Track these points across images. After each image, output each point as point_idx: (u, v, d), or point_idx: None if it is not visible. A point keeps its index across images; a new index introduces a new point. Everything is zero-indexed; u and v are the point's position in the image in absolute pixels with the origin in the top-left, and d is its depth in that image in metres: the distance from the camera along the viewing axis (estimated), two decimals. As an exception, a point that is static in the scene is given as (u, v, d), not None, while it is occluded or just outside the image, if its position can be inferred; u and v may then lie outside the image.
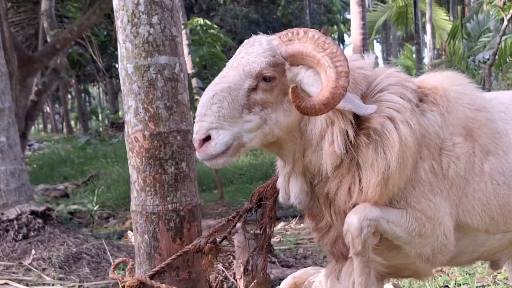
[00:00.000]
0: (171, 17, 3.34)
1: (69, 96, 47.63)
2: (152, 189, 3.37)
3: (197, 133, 2.45)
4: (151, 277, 3.32)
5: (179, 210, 3.41)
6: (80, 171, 18.23)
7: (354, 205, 2.64)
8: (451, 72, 3.08)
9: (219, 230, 3.36)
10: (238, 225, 3.45)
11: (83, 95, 44.43)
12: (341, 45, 56.31)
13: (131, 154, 3.40)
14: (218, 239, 3.33)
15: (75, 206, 11.70)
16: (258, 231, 3.34)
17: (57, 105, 49.81)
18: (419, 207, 2.71)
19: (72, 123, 46.01)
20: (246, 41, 2.64)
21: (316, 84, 2.45)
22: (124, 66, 3.34)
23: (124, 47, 3.32)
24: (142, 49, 3.29)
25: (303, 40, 2.48)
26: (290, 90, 2.31)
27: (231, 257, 6.62)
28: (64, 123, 44.29)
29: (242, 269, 5.80)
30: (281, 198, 2.83)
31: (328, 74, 2.38)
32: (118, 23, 3.33)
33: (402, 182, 2.63)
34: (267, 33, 2.68)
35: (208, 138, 2.43)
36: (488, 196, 2.89)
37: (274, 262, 6.61)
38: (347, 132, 2.57)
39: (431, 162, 2.73)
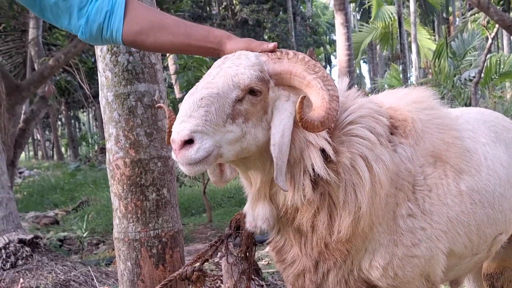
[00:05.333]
0: (150, 45, 3.38)
1: (59, 122, 47.57)
2: (134, 216, 3.39)
3: (179, 133, 2.23)
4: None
5: (161, 236, 3.42)
6: (70, 198, 18.14)
7: (325, 244, 2.59)
8: (416, 91, 3.04)
9: (203, 256, 3.34)
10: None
11: (73, 121, 44.35)
12: (327, 66, 56.63)
13: (113, 181, 3.43)
14: (205, 264, 3.30)
15: (65, 233, 11.64)
16: (240, 257, 3.31)
17: (47, 132, 49.71)
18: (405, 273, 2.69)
19: (63, 149, 45.88)
20: (229, 54, 2.54)
21: (287, 121, 2.40)
22: (105, 95, 3.38)
23: (104, 76, 3.36)
24: (122, 77, 3.32)
25: (293, 61, 2.43)
26: (299, 100, 2.24)
27: (219, 281, 6.60)
28: (54, 150, 44.17)
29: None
30: (247, 224, 2.68)
31: (321, 95, 2.34)
32: (98, 52, 3.37)
33: (374, 223, 2.58)
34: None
35: (189, 142, 2.24)
36: (468, 216, 2.86)
37: (262, 286, 6.58)
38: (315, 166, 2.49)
39: (407, 204, 2.68)
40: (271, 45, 2.52)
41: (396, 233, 2.66)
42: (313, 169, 2.47)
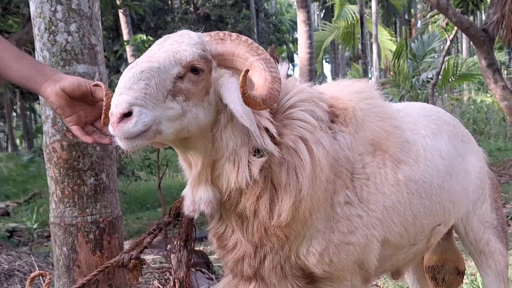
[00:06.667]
0: (90, 25, 3.30)
1: (15, 114, 46.80)
2: (70, 201, 3.29)
3: (118, 106, 2.17)
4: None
5: (99, 222, 3.34)
6: (22, 190, 17.91)
7: (265, 229, 2.58)
8: (358, 82, 3.06)
9: (140, 243, 3.27)
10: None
11: (28, 113, 43.69)
12: (290, 64, 56.83)
13: (49, 165, 3.33)
14: (156, 257, 3.23)
15: (14, 224, 11.45)
16: (180, 247, 3.25)
17: (1, 123, 48.81)
18: (340, 259, 2.70)
19: (18, 141, 45.16)
20: (171, 34, 2.52)
21: (237, 92, 2.36)
22: (42, 75, 3.27)
23: (41, 56, 3.26)
24: (60, 58, 3.23)
25: (236, 42, 2.43)
26: (242, 73, 2.22)
27: (168, 274, 6.55)
28: (8, 141, 43.47)
29: (178, 285, 5.74)
30: (185, 208, 2.64)
31: (264, 76, 2.34)
32: (35, 31, 3.27)
33: (314, 207, 2.57)
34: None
35: (128, 115, 2.18)
36: (404, 206, 2.89)
37: (212, 279, 6.56)
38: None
39: (345, 192, 2.69)
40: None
41: (333, 220, 2.66)
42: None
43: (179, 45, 2.38)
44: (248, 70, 2.26)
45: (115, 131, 2.21)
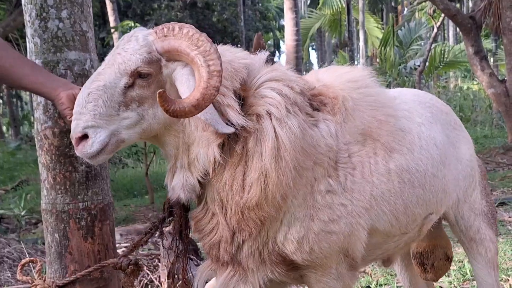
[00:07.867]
0: (81, 12, 3.29)
1: (1, 101, 46.50)
2: (62, 187, 3.30)
3: (74, 131, 2.43)
4: (62, 286, 3.27)
5: (91, 208, 3.35)
6: (9, 177, 17.83)
7: (241, 212, 2.60)
8: (355, 71, 3.04)
9: (138, 245, 3.27)
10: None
11: (15, 100, 43.37)
12: (276, 51, 56.71)
13: (41, 151, 3.33)
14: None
15: (2, 211, 11.42)
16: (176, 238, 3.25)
17: (-13, 111, 48.52)
18: (320, 246, 2.70)
19: (4, 128, 44.87)
20: (125, 35, 2.61)
21: (188, 83, 2.43)
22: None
23: (32, 42, 3.25)
24: (51, 44, 3.22)
25: (178, 37, 2.44)
26: (157, 95, 2.27)
27: (157, 260, 6.56)
28: (-5, 129, 43.21)
29: (166, 272, 5.75)
30: (169, 194, 2.74)
31: (200, 73, 2.35)
32: (26, 17, 3.26)
33: (286, 192, 2.57)
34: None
35: (85, 137, 2.42)
36: (395, 195, 2.88)
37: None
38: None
39: (326, 180, 2.68)
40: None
41: (313, 208, 2.67)
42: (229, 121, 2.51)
43: (124, 53, 2.48)
44: (163, 91, 2.29)
45: (77, 153, 2.47)
